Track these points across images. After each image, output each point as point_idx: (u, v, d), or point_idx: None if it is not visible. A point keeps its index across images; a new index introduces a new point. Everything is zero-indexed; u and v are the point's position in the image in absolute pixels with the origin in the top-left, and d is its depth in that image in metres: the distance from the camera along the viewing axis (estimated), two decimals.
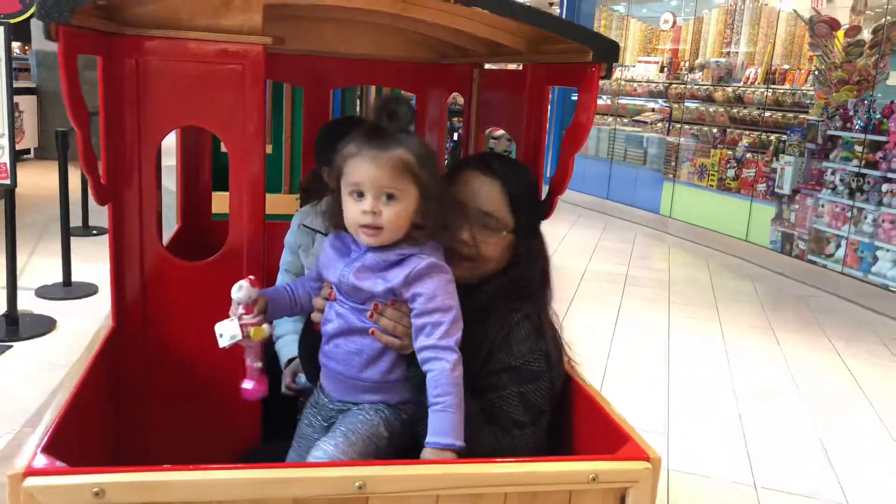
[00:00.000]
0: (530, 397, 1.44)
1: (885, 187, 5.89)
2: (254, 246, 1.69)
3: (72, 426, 1.25)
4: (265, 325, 1.46)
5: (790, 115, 7.94)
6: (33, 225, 6.01)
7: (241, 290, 1.43)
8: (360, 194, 1.35)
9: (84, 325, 4.16)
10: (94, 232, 6.19)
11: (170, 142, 2.00)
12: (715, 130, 8.68)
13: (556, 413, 1.50)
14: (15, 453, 3.11)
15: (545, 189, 1.64)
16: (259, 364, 1.51)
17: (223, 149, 3.02)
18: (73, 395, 1.31)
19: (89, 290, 4.75)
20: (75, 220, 5.51)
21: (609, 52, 1.35)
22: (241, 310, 1.44)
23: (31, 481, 1.03)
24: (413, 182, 1.35)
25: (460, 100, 2.35)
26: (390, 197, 1.34)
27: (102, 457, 1.52)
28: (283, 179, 3.23)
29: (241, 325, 1.42)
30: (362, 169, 1.34)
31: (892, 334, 5.17)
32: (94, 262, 5.22)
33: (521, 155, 1.75)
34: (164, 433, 1.71)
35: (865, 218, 6.05)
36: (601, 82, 1.70)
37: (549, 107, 1.73)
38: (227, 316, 1.48)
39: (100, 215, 6.34)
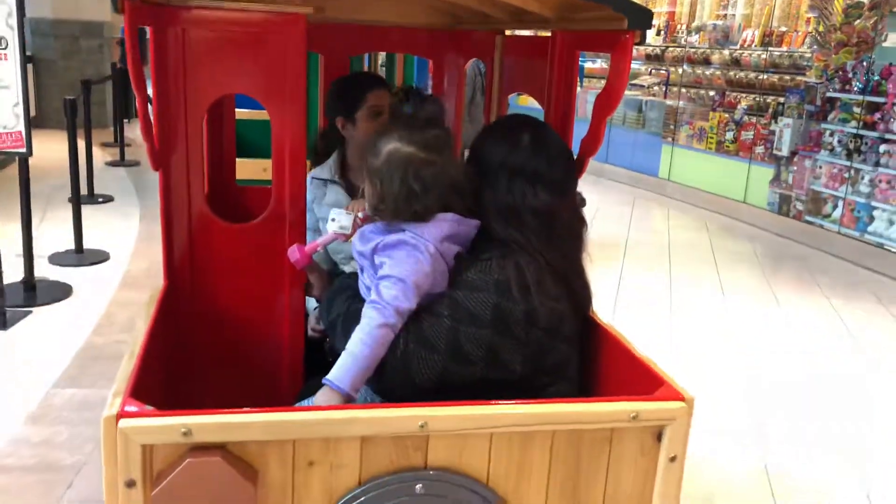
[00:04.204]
0: (461, 301, 1.42)
1: (882, 148, 5.99)
2: (295, 208, 1.77)
3: (145, 375, 1.34)
4: None
5: (787, 77, 7.98)
6: (39, 194, 6.01)
7: None
8: None
9: (99, 290, 4.25)
10: (101, 200, 6.23)
11: None
12: (713, 93, 8.72)
13: (590, 360, 1.59)
14: (47, 412, 3.17)
15: (575, 150, 1.71)
16: (320, 250, 1.72)
17: (238, 117, 3.08)
18: (144, 346, 1.39)
19: (101, 256, 4.82)
20: (82, 189, 5.54)
21: (644, 20, 1.42)
22: (361, 214, 1.61)
23: (125, 423, 1.12)
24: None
25: None
26: None
27: (165, 404, 1.61)
28: None
29: (353, 224, 1.60)
30: None
31: (889, 291, 5.31)
32: (102, 229, 5.28)
33: (550, 119, 1.81)
34: (215, 381, 1.81)
35: (863, 178, 6.15)
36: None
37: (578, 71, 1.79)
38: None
39: (104, 184, 6.38)
